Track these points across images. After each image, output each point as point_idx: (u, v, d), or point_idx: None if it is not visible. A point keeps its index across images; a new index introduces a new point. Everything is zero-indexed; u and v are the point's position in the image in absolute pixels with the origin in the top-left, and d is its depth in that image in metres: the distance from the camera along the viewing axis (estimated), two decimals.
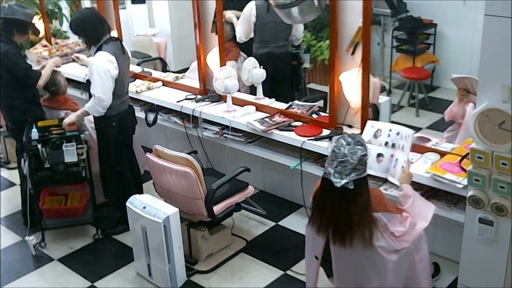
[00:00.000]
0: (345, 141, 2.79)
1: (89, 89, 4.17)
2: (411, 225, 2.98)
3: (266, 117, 4.30)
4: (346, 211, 2.82)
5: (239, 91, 4.66)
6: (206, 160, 4.88)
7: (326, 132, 4.03)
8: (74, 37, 5.45)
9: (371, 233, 2.84)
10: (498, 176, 2.81)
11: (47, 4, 6.05)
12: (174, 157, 3.73)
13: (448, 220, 3.46)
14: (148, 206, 3.65)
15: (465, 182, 3.11)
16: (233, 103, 4.50)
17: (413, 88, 5.76)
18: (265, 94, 4.60)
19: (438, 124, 5.18)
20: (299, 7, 3.64)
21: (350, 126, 4.03)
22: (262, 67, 4.54)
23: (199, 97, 4.76)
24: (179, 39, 6.39)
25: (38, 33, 4.92)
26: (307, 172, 4.07)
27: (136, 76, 5.29)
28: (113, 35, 4.20)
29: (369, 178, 3.05)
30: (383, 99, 4.63)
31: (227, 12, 5.13)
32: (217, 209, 3.78)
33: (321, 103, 4.60)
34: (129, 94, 4.35)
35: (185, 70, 5.48)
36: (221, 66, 4.59)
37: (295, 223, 4.34)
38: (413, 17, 5.97)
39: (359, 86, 3.81)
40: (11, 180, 5.27)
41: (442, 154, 3.56)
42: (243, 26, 5.07)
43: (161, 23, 6.64)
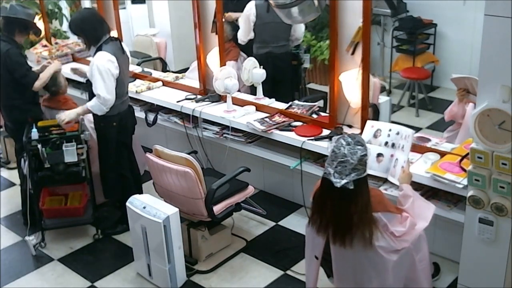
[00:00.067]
0: (345, 141, 2.79)
1: (89, 89, 4.18)
2: (411, 225, 2.98)
3: (266, 117, 4.30)
4: (346, 211, 2.82)
5: (239, 91, 4.66)
6: (206, 160, 4.88)
7: (326, 132, 4.03)
8: (74, 37, 5.44)
9: (371, 233, 2.84)
10: (498, 176, 2.81)
11: (47, 4, 6.05)
12: (174, 157, 3.73)
13: (448, 220, 3.46)
14: (148, 206, 3.65)
15: (465, 182, 3.11)
16: (233, 103, 4.50)
17: (413, 88, 5.75)
18: (265, 94, 4.60)
19: (438, 124, 5.17)
20: (299, 7, 3.64)
21: (350, 126, 4.03)
22: (262, 67, 4.54)
23: (199, 97, 4.76)
24: (179, 39, 6.39)
25: (39, 33, 4.92)
26: (307, 172, 4.07)
27: (136, 76, 5.29)
28: (113, 35, 4.20)
29: (369, 178, 3.05)
30: (383, 99, 4.63)
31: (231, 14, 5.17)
32: (217, 209, 3.78)
33: (321, 103, 4.60)
34: (128, 94, 4.35)
35: (185, 70, 5.47)
36: (221, 66, 4.59)
37: (295, 223, 4.34)
38: (413, 17, 5.96)
39: (359, 86, 3.81)
40: (11, 180, 5.27)
41: (442, 154, 3.56)
42: (243, 26, 5.08)
43: (161, 23, 6.64)
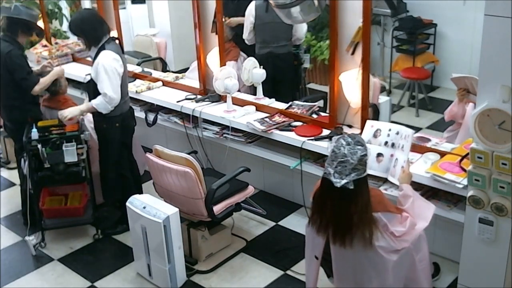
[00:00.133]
0: (345, 141, 2.79)
1: (89, 89, 4.17)
2: (411, 225, 2.98)
3: (266, 117, 4.30)
4: (346, 211, 2.82)
5: (239, 91, 4.66)
6: (206, 160, 4.88)
7: (326, 132, 4.03)
8: (74, 37, 5.44)
9: (371, 233, 2.84)
10: (498, 176, 2.81)
11: (47, 4, 6.05)
12: (174, 157, 3.73)
13: (448, 220, 3.46)
14: (148, 206, 3.65)
15: (465, 182, 3.11)
16: (233, 103, 4.50)
17: (413, 88, 5.75)
18: (266, 94, 4.60)
19: (438, 124, 5.17)
20: (299, 7, 3.64)
21: (350, 126, 4.03)
22: (263, 67, 4.54)
23: (199, 97, 4.76)
24: (179, 39, 6.38)
25: (42, 34, 4.91)
26: (307, 172, 4.07)
27: (136, 76, 5.29)
28: (113, 36, 4.19)
29: (369, 178, 3.05)
30: (383, 99, 4.63)
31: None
32: (217, 209, 3.78)
33: (321, 103, 4.59)
34: (129, 94, 4.35)
35: (185, 70, 5.47)
36: (221, 66, 4.59)
37: (295, 223, 4.34)
38: (413, 17, 5.96)
39: (359, 86, 3.81)
40: (11, 180, 5.27)
41: (442, 154, 3.56)
42: (245, 26, 5.08)
43: (161, 23, 6.64)
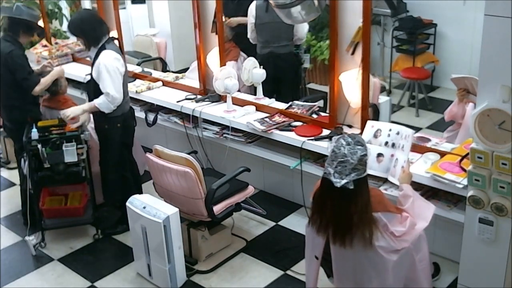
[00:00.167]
0: (345, 141, 2.79)
1: (89, 89, 4.17)
2: (411, 225, 2.98)
3: (266, 117, 4.30)
4: (346, 211, 2.82)
5: (239, 91, 4.66)
6: (206, 160, 4.88)
7: (326, 132, 4.03)
8: (74, 37, 5.43)
9: (371, 233, 2.84)
10: (498, 176, 2.81)
11: (47, 4, 6.05)
12: (174, 157, 3.73)
13: (448, 220, 3.46)
14: (148, 206, 3.65)
15: (465, 182, 3.11)
16: (233, 103, 4.50)
17: (413, 88, 5.75)
18: (267, 94, 4.60)
19: (438, 124, 5.17)
20: (299, 7, 3.64)
21: (350, 126, 4.03)
22: (264, 67, 4.54)
23: (199, 97, 4.76)
24: (179, 39, 6.38)
25: (43, 35, 4.91)
26: (307, 172, 4.07)
27: (136, 76, 5.29)
28: (112, 36, 4.19)
29: (369, 178, 3.05)
30: (383, 99, 4.63)
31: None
32: (217, 209, 3.78)
33: (321, 103, 4.59)
34: (129, 94, 4.35)
35: (185, 70, 5.47)
36: (221, 66, 4.59)
37: (295, 223, 4.34)
38: (413, 17, 5.96)
39: (359, 86, 3.81)
40: (11, 180, 5.27)
41: (442, 154, 3.56)
42: (248, 26, 5.08)
43: (161, 23, 6.64)
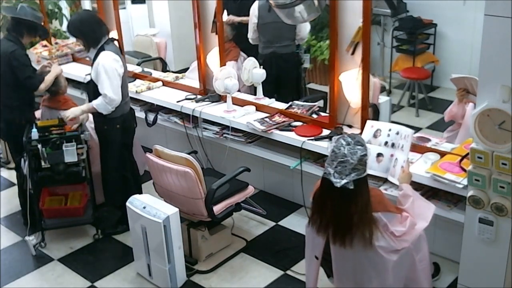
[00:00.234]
0: (345, 141, 2.79)
1: (89, 89, 4.17)
2: (411, 225, 2.98)
3: (266, 117, 4.30)
4: (346, 211, 2.82)
5: (239, 91, 4.66)
6: (206, 160, 4.88)
7: (326, 132, 4.03)
8: (74, 38, 5.44)
9: (371, 233, 2.84)
10: (498, 176, 2.81)
11: (47, 4, 6.05)
12: (174, 157, 3.73)
13: (448, 220, 3.46)
14: (148, 206, 3.65)
15: (465, 182, 3.11)
16: (233, 103, 4.50)
17: (413, 88, 5.75)
18: (269, 94, 4.59)
19: (438, 124, 5.17)
20: (299, 7, 3.64)
21: (350, 126, 4.03)
22: (267, 67, 4.54)
23: (199, 97, 4.76)
24: (179, 39, 6.38)
25: (46, 36, 4.90)
26: (307, 172, 4.07)
27: (136, 76, 5.29)
28: (112, 37, 4.19)
29: (369, 178, 3.05)
30: (383, 99, 4.63)
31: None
32: (217, 209, 3.78)
33: (321, 103, 4.59)
34: (129, 95, 4.34)
35: (185, 70, 5.47)
36: (221, 66, 4.59)
37: (295, 223, 4.34)
38: (413, 17, 5.96)
39: (359, 86, 3.81)
40: (11, 180, 5.27)
41: (442, 154, 3.56)
42: (249, 26, 5.08)
43: (161, 23, 6.64)
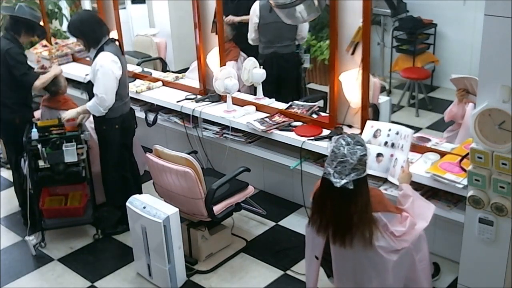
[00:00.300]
0: (344, 141, 2.79)
1: (89, 89, 4.17)
2: (411, 225, 2.99)
3: (266, 117, 4.30)
4: (346, 211, 2.82)
5: (239, 91, 4.66)
6: (206, 160, 4.88)
7: (326, 132, 4.03)
8: (74, 38, 5.44)
9: (371, 233, 2.84)
10: (498, 176, 2.81)
11: (47, 4, 6.06)
12: (174, 157, 3.73)
13: (448, 220, 3.46)
14: (148, 206, 3.65)
15: (465, 182, 3.11)
16: (233, 103, 4.50)
17: (413, 88, 5.75)
18: (269, 94, 4.59)
19: (438, 124, 5.17)
20: (299, 7, 3.64)
21: (350, 126, 4.03)
22: (267, 67, 4.54)
23: (199, 97, 4.76)
24: (179, 39, 6.39)
25: (44, 36, 4.88)
26: (307, 172, 4.07)
27: (136, 76, 5.29)
28: (112, 37, 4.19)
29: (369, 178, 3.05)
30: (383, 99, 4.63)
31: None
32: (217, 209, 3.78)
33: (321, 103, 4.59)
34: (129, 95, 4.34)
35: (185, 70, 5.47)
36: (221, 66, 4.59)
37: (295, 223, 4.34)
38: (413, 17, 5.96)
39: (359, 86, 3.81)
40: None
41: (442, 154, 3.56)
42: (249, 26, 5.08)
43: (161, 23, 6.64)
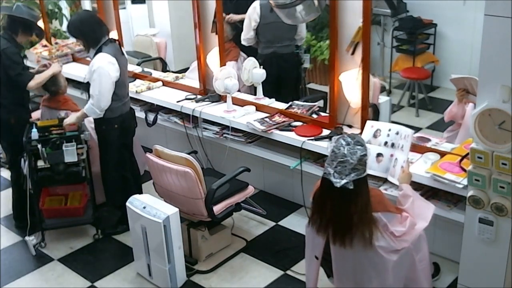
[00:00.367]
0: (344, 141, 2.79)
1: (88, 89, 4.17)
2: (411, 225, 2.99)
3: (266, 117, 4.30)
4: (346, 211, 2.82)
5: (239, 91, 4.66)
6: (206, 160, 4.88)
7: (326, 132, 4.03)
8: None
9: (371, 233, 2.84)
10: (498, 176, 2.81)
11: (47, 4, 6.05)
12: (174, 157, 3.73)
13: (448, 220, 3.46)
14: (148, 206, 3.65)
15: (465, 182, 3.11)
16: (233, 103, 4.50)
17: (413, 88, 5.76)
18: (269, 94, 4.60)
19: (438, 124, 5.18)
20: (299, 7, 3.64)
21: (350, 126, 4.03)
22: (267, 67, 4.54)
23: (199, 97, 4.76)
24: (179, 39, 6.39)
25: (42, 35, 4.88)
26: (307, 172, 4.07)
27: (136, 76, 5.29)
28: (112, 37, 4.19)
29: (369, 178, 3.05)
30: (383, 99, 4.63)
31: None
32: (217, 209, 3.78)
33: (321, 103, 4.60)
34: (129, 95, 4.34)
35: (185, 70, 5.47)
36: (221, 66, 4.59)
37: (295, 223, 4.34)
38: (413, 17, 5.97)
39: (359, 86, 3.81)
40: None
41: (442, 154, 3.56)
42: (245, 26, 5.07)
43: (161, 23, 6.64)
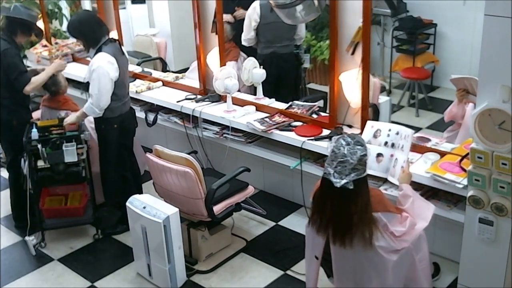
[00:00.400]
0: (344, 141, 2.79)
1: (89, 89, 4.17)
2: (411, 225, 2.99)
3: (266, 117, 4.30)
4: (346, 211, 2.82)
5: (239, 91, 4.66)
6: (206, 160, 4.88)
7: (326, 132, 4.03)
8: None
9: (371, 233, 2.84)
10: (498, 176, 2.81)
11: (47, 4, 6.05)
12: (174, 157, 3.73)
13: (448, 220, 3.46)
14: (148, 206, 3.65)
15: (465, 182, 3.11)
16: (233, 103, 4.50)
17: (413, 88, 5.76)
18: (268, 94, 4.60)
19: (438, 124, 5.18)
20: (299, 7, 3.64)
21: (350, 126, 4.03)
22: (267, 67, 4.54)
23: (199, 97, 4.76)
24: (179, 39, 6.39)
25: (41, 36, 4.87)
26: (307, 172, 4.07)
27: (136, 76, 5.29)
28: (112, 37, 4.19)
29: (369, 178, 3.05)
30: (383, 99, 4.63)
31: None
32: (217, 209, 3.78)
33: (321, 103, 4.60)
34: (129, 95, 4.34)
35: (185, 70, 5.47)
36: (221, 66, 4.59)
37: (295, 223, 4.34)
38: (413, 17, 5.97)
39: (359, 86, 3.81)
40: None
41: (442, 154, 3.56)
42: (245, 26, 5.07)
43: (161, 23, 6.65)
